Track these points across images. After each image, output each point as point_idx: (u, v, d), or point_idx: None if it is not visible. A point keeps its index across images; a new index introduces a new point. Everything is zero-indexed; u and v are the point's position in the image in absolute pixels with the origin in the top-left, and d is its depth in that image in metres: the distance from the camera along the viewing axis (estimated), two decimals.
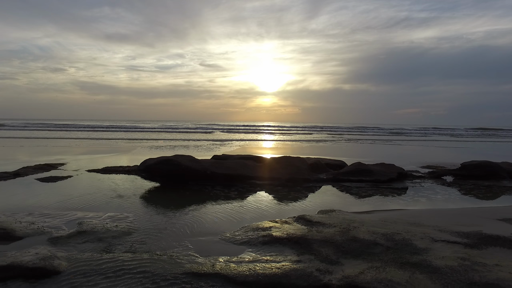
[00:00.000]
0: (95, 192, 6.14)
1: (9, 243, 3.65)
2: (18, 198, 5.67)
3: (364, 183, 6.72)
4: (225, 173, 6.66)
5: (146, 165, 6.74)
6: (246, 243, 3.68)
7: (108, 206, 5.23)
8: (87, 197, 5.80)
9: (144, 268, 3.04)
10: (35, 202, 5.41)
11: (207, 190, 6.57)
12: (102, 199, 5.72)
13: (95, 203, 5.41)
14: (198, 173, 6.62)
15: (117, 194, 6.10)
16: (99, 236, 3.81)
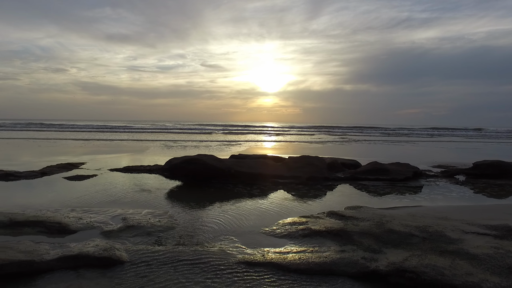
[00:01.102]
0: (125, 190, 6.38)
1: (65, 236, 3.91)
2: (54, 195, 5.91)
3: (381, 181, 7.00)
4: (248, 172, 6.93)
5: (171, 164, 6.99)
6: (286, 236, 3.94)
7: (143, 203, 5.48)
8: (119, 194, 6.04)
9: (200, 259, 3.30)
10: (72, 199, 5.65)
11: (230, 188, 6.82)
12: (134, 196, 5.97)
13: (129, 200, 5.66)
14: (222, 172, 6.88)
15: (146, 191, 6.35)
16: (147, 231, 4.06)
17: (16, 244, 3.32)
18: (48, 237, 3.80)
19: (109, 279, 2.92)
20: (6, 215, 4.24)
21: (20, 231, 3.91)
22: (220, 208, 5.27)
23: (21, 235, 3.81)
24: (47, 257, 3.08)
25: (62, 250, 3.26)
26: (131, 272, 3.05)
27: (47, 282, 2.84)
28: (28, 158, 10.85)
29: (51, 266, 3.01)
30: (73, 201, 5.47)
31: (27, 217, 4.17)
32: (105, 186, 6.67)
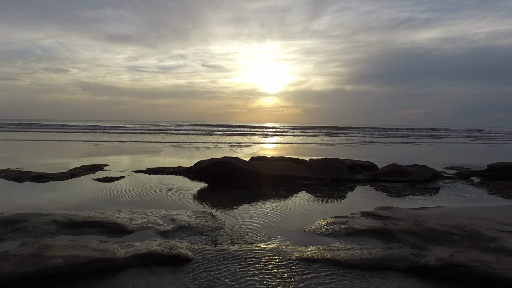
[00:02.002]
0: (159, 191, 6.63)
1: (123, 235, 4.16)
2: (93, 196, 6.13)
3: (401, 183, 7.31)
4: (274, 173, 7.20)
5: (201, 166, 7.25)
6: (331, 235, 4.22)
7: (181, 204, 5.75)
8: (155, 196, 6.30)
9: (259, 256, 3.58)
10: (112, 200, 5.90)
11: (257, 189, 7.08)
12: (170, 197, 6.23)
13: (167, 201, 5.92)
14: (249, 174, 7.15)
15: (179, 193, 6.62)
16: (199, 231, 4.32)
17: (86, 243, 3.57)
18: (108, 237, 4.06)
19: (180, 275, 3.18)
20: (64, 216, 4.49)
21: (81, 231, 4.16)
22: (257, 209, 5.55)
23: (82, 235, 4.06)
24: (121, 255, 3.34)
25: (131, 249, 3.52)
26: (199, 269, 3.31)
27: (127, 278, 3.10)
28: (48, 160, 11.05)
29: (127, 263, 3.27)
30: (114, 203, 5.72)
31: (84, 218, 4.42)
32: (137, 188, 6.92)
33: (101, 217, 4.52)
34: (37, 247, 3.33)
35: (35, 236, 3.90)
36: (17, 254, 3.07)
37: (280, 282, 3.07)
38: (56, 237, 3.94)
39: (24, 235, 3.90)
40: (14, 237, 3.84)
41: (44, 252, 3.16)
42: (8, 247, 3.59)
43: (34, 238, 3.81)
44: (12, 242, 3.75)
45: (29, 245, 3.40)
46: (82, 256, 3.08)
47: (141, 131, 36.92)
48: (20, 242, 3.76)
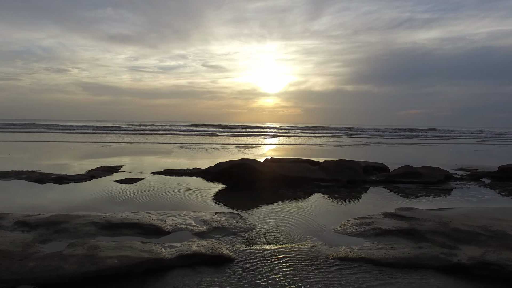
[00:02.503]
0: (181, 193, 6.78)
1: (160, 237, 4.31)
2: (117, 198, 6.27)
3: (415, 184, 7.50)
4: (291, 175, 7.38)
5: (220, 168, 7.42)
6: (360, 235, 4.40)
7: (207, 205, 5.91)
8: (178, 197, 6.45)
9: (298, 256, 3.74)
10: (138, 202, 6.05)
11: (275, 190, 7.24)
12: (194, 199, 6.39)
13: (193, 203, 6.08)
14: (267, 175, 7.32)
15: (201, 194, 6.77)
16: (232, 231, 4.48)
17: (130, 244, 3.73)
18: (146, 238, 4.21)
19: (226, 275, 3.34)
20: (100, 217, 4.64)
21: (119, 232, 4.31)
22: (281, 209, 5.71)
23: (121, 236, 4.22)
24: (167, 255, 3.50)
25: (174, 249, 3.68)
26: (242, 269, 3.47)
27: (176, 277, 3.25)
28: (62, 161, 11.16)
29: (174, 263, 3.43)
30: (139, 204, 5.87)
31: (120, 219, 4.57)
32: (158, 189, 7.07)
33: (135, 218, 4.67)
34: (87, 248, 3.49)
35: (78, 237, 4.05)
36: (73, 255, 3.22)
37: (322, 280, 3.24)
38: (97, 238, 4.08)
39: (68, 236, 4.05)
40: (59, 238, 3.99)
41: (96, 253, 3.31)
42: (56, 247, 3.75)
43: (78, 239, 3.96)
44: (58, 243, 3.90)
45: (78, 246, 3.55)
46: (135, 257, 3.24)
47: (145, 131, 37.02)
48: (65, 242, 3.92)
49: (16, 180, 7.79)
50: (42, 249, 3.65)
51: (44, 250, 3.64)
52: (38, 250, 3.58)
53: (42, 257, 3.13)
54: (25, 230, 4.21)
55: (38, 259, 3.07)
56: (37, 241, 3.83)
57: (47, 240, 3.92)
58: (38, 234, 4.00)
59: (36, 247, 3.66)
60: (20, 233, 4.07)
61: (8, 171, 8.57)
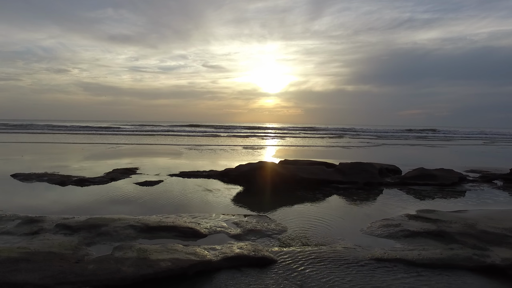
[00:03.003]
0: (203, 195, 6.92)
1: (198, 239, 4.45)
2: (143, 201, 6.39)
3: (430, 186, 7.68)
4: (310, 177, 7.54)
5: (240, 171, 7.57)
6: (389, 237, 4.56)
7: (234, 208, 6.06)
8: (203, 199, 6.59)
9: (335, 256, 3.90)
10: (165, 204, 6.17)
11: (294, 192, 7.38)
12: (219, 201, 6.53)
13: (218, 205, 6.22)
14: (287, 177, 7.47)
15: (224, 197, 6.91)
16: (266, 233, 4.64)
17: (174, 246, 3.87)
18: (184, 240, 4.34)
19: (271, 276, 3.49)
20: (136, 220, 4.78)
21: (158, 235, 4.45)
22: (305, 211, 5.88)
23: (160, 239, 4.36)
24: (213, 257, 3.65)
25: (217, 251, 3.82)
26: (285, 270, 3.62)
27: (225, 278, 3.40)
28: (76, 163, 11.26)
29: (221, 265, 3.58)
30: (168, 207, 6.00)
31: (157, 222, 4.71)
32: (181, 192, 7.20)
33: (171, 221, 4.82)
34: (136, 251, 3.63)
35: (119, 240, 4.19)
36: (126, 258, 3.36)
37: (362, 280, 3.40)
38: (137, 240, 4.23)
39: (110, 239, 4.19)
40: (102, 241, 4.13)
41: (147, 256, 3.46)
42: (102, 250, 3.89)
43: (120, 242, 4.10)
44: (102, 245, 4.04)
45: (126, 249, 3.69)
46: (186, 260, 3.39)
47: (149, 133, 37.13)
48: (109, 245, 4.06)
49: (38, 183, 7.91)
50: (90, 251, 3.79)
51: (92, 252, 3.78)
52: (87, 253, 3.72)
53: (99, 260, 3.27)
54: (67, 233, 4.34)
55: (95, 262, 3.21)
56: (83, 244, 3.97)
57: (91, 243, 4.05)
58: (82, 237, 4.14)
59: (84, 250, 3.80)
60: (63, 236, 4.21)
61: (29, 173, 8.69)
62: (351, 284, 3.32)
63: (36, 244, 3.89)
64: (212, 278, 3.42)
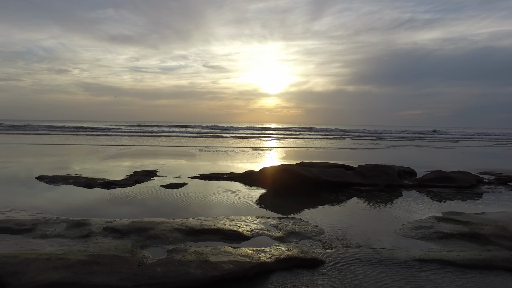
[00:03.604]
0: (231, 198, 7.08)
1: (242, 241, 4.62)
2: (175, 203, 6.55)
3: (449, 188, 7.90)
4: (332, 180, 7.73)
5: (265, 173, 7.74)
6: (423, 238, 4.76)
7: (265, 210, 6.23)
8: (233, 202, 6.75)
9: (379, 257, 4.09)
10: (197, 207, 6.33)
11: (317, 194, 7.57)
12: (249, 204, 6.69)
13: (251, 208, 6.39)
14: (310, 180, 7.66)
15: (251, 199, 7.08)
16: (306, 235, 4.82)
17: (226, 249, 4.05)
18: (229, 243, 4.51)
19: (324, 276, 3.67)
20: (178, 223, 4.95)
21: (203, 237, 4.62)
22: (334, 212, 6.09)
23: (207, 241, 4.53)
24: (266, 259, 3.83)
25: (267, 253, 4.00)
26: (334, 270, 3.81)
27: (281, 279, 3.58)
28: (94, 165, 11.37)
29: (275, 267, 3.76)
30: (201, 209, 6.15)
31: (201, 225, 4.89)
32: (208, 194, 7.36)
33: (211, 224, 4.99)
34: (193, 253, 3.81)
35: (170, 243, 4.35)
36: (189, 260, 3.54)
37: (412, 280, 3.58)
38: (186, 243, 4.39)
39: (161, 242, 4.36)
40: (154, 244, 4.29)
41: (206, 258, 3.64)
42: (157, 253, 4.06)
43: (171, 245, 4.27)
44: (155, 249, 4.19)
45: (182, 252, 3.87)
46: (246, 262, 3.57)
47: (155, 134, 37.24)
48: (161, 248, 4.23)
49: (65, 185, 8.05)
50: (146, 254, 3.96)
51: (149, 255, 3.94)
52: (144, 256, 3.89)
53: (163, 263, 3.44)
54: (116, 236, 4.51)
55: (161, 265, 3.39)
56: (137, 247, 4.13)
57: (144, 246, 4.22)
58: (134, 241, 4.30)
59: (140, 253, 3.97)
60: (114, 239, 4.37)
61: (53, 176, 8.83)
62: (401, 283, 3.51)
63: (93, 247, 4.06)
64: (268, 279, 3.60)
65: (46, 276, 3.03)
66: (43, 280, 2.95)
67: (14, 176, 9.25)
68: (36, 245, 4.17)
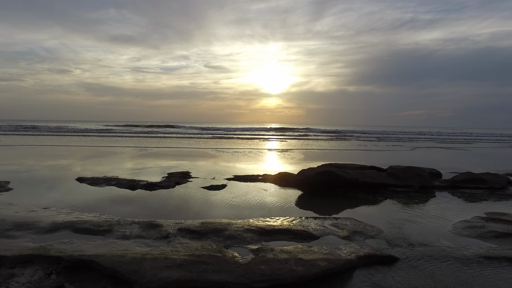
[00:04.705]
0: (276, 199, 7.36)
1: (312, 241, 4.89)
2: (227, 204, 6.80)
3: (481, 190, 8.24)
4: (369, 181, 8.03)
5: (307, 176, 8.02)
6: (479, 237, 5.07)
7: (317, 211, 6.51)
8: (281, 203, 7.02)
9: (445, 255, 4.37)
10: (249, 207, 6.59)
11: (355, 195, 7.90)
12: (297, 204, 6.98)
13: (301, 208, 6.68)
14: (349, 182, 7.95)
15: (294, 200, 7.37)
16: (368, 234, 5.10)
17: (308, 248, 4.31)
18: (301, 242, 4.77)
19: (402, 271, 3.96)
20: (250, 224, 5.21)
21: (276, 237, 4.88)
22: (383, 213, 6.39)
23: (279, 241, 4.79)
24: (348, 256, 4.10)
25: (345, 251, 4.28)
26: (411, 267, 4.09)
27: (368, 274, 3.85)
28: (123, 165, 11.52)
29: (358, 264, 4.03)
30: (253, 210, 6.41)
31: (269, 226, 5.15)
32: (252, 196, 7.60)
33: (278, 224, 5.26)
34: (281, 252, 4.07)
35: (248, 242, 4.61)
36: (285, 259, 3.80)
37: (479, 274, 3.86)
38: (261, 242, 4.65)
39: (240, 242, 4.61)
40: (235, 244, 4.54)
41: (298, 256, 3.90)
42: (241, 252, 4.29)
43: (250, 244, 4.52)
44: (237, 248, 4.42)
45: (268, 251, 4.13)
46: (338, 259, 3.85)
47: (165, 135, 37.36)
48: (243, 248, 4.47)
49: (109, 187, 8.24)
50: (234, 254, 4.21)
51: (236, 254, 4.19)
52: (233, 255, 4.13)
53: (263, 261, 3.70)
54: (194, 237, 4.75)
55: (262, 263, 3.65)
56: (221, 247, 4.38)
57: (227, 246, 4.46)
58: (215, 241, 4.55)
59: (228, 252, 4.21)
60: (194, 240, 4.61)
61: (92, 177, 9.01)
62: (477, 279, 3.80)
63: (181, 247, 4.30)
64: (353, 275, 3.87)
65: (167, 274, 3.27)
66: (167, 278, 3.19)
67: (54, 177, 9.42)
68: (124, 245, 4.40)
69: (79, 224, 5.13)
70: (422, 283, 3.69)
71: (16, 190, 7.80)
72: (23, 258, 3.88)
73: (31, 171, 10.48)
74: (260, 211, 6.41)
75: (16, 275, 3.54)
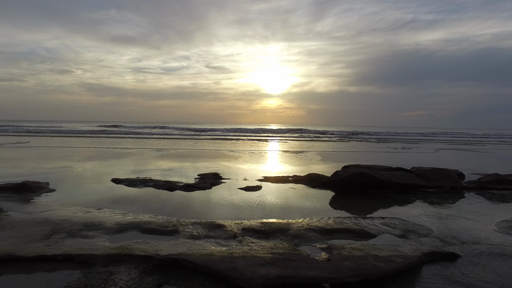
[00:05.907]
0: (313, 200, 7.62)
1: (370, 239, 5.14)
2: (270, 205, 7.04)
3: (509, 191, 8.55)
4: (402, 182, 8.30)
5: (341, 177, 8.27)
6: None
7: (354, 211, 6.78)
8: (319, 204, 7.29)
9: (502, 251, 4.64)
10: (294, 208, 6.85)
11: (388, 196, 8.18)
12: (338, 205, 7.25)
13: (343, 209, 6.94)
14: (382, 183, 8.21)
15: (330, 200, 7.62)
16: (421, 233, 5.33)
17: (375, 246, 4.55)
18: (360, 240, 5.03)
19: (467, 267, 4.20)
20: (309, 224, 5.44)
21: (336, 236, 5.12)
22: (423, 212, 6.67)
23: (339, 239, 5.02)
24: (415, 253, 4.34)
25: (411, 249, 4.52)
26: (471, 263, 4.35)
27: (435, 270, 4.10)
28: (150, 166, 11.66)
29: (424, 260, 4.27)
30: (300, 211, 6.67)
31: (326, 225, 5.39)
32: (288, 196, 7.87)
33: (335, 224, 5.49)
34: (353, 249, 4.31)
35: (313, 241, 4.85)
36: (362, 255, 4.03)
37: None
38: (324, 241, 4.89)
39: (305, 241, 4.84)
40: (303, 242, 4.77)
41: (372, 253, 4.13)
42: (311, 250, 4.52)
43: (315, 243, 4.76)
44: (305, 246, 4.66)
45: (340, 249, 4.36)
46: (412, 255, 4.09)
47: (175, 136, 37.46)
48: (311, 247, 4.70)
49: (147, 188, 8.43)
50: (307, 251, 4.43)
51: (309, 252, 4.41)
52: (307, 253, 4.36)
53: (344, 258, 3.93)
54: (261, 236, 4.97)
55: (344, 259, 3.88)
56: (293, 245, 4.60)
57: (297, 244, 4.69)
58: (285, 240, 4.77)
59: (301, 251, 4.43)
60: (263, 240, 4.82)
61: (127, 178, 9.18)
62: None
63: (255, 246, 4.52)
64: (422, 270, 4.11)
65: (265, 271, 3.49)
66: (267, 274, 3.41)
67: (88, 178, 9.58)
68: (200, 244, 4.60)
69: (144, 225, 5.32)
70: (489, 277, 3.95)
71: (58, 191, 7.96)
72: (112, 257, 4.08)
73: (63, 172, 10.60)
74: (305, 211, 6.66)
75: (114, 273, 3.74)
